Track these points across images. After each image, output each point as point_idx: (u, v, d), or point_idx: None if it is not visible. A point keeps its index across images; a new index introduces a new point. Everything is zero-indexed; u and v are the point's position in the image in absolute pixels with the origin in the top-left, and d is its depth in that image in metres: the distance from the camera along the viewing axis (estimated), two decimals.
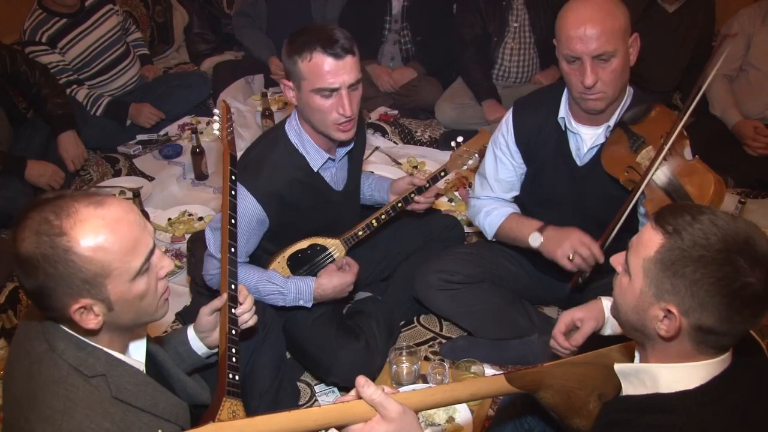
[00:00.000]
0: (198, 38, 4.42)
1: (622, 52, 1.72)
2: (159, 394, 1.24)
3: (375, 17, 3.71)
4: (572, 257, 1.86)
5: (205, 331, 1.53)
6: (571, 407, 1.29)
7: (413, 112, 3.69)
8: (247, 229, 1.87)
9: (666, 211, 1.04)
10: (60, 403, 1.10)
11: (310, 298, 1.97)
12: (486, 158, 2.16)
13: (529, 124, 2.00)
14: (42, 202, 1.09)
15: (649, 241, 1.02)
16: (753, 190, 3.04)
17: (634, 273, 1.05)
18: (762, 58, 3.05)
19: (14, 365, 1.18)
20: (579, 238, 1.86)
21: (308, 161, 1.93)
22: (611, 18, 1.69)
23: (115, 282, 1.11)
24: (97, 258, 1.08)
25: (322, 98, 1.78)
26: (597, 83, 1.73)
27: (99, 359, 1.15)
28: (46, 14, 3.19)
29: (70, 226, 1.06)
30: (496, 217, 2.11)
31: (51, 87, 2.97)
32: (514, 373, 1.23)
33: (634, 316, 1.07)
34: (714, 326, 0.98)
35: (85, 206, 1.09)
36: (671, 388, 1.04)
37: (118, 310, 1.14)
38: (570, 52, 1.73)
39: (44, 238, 1.05)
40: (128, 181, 3.13)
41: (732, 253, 0.95)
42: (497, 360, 2.15)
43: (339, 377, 2.03)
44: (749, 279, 0.94)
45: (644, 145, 1.78)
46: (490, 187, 2.15)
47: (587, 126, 1.91)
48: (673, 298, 0.99)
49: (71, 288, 1.08)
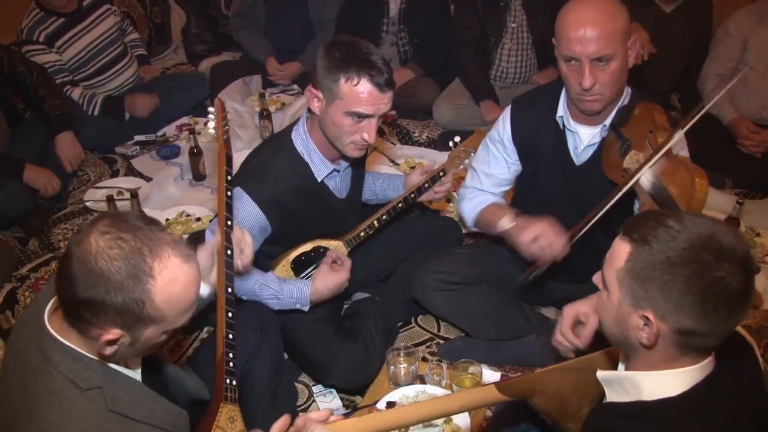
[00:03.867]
0: (196, 39, 4.42)
1: (620, 55, 1.72)
2: (157, 404, 1.24)
3: (372, 19, 3.71)
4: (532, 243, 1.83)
5: (203, 271, 1.52)
6: (565, 412, 1.28)
7: (411, 113, 3.69)
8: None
9: (632, 221, 1.05)
10: (55, 416, 1.09)
11: (306, 302, 1.96)
12: (479, 152, 2.16)
13: (527, 121, 2.00)
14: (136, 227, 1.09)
15: (619, 252, 1.03)
16: (751, 190, 3.04)
17: (611, 286, 1.05)
18: (759, 58, 3.05)
19: (9, 375, 1.18)
20: (549, 224, 1.83)
21: (313, 171, 1.93)
22: (611, 20, 1.69)
23: (155, 329, 1.13)
24: (163, 308, 1.10)
25: (352, 121, 1.80)
26: (595, 85, 1.73)
27: (95, 371, 1.15)
28: (43, 14, 3.19)
29: (158, 270, 1.08)
30: (477, 204, 2.13)
31: (48, 88, 2.96)
32: (505, 381, 1.24)
33: (616, 328, 1.07)
34: (693, 327, 0.98)
35: (175, 255, 1.11)
36: (654, 396, 1.04)
37: (136, 348, 1.16)
38: (568, 53, 1.73)
39: (131, 270, 1.06)
40: (126, 181, 3.12)
41: (697, 250, 0.96)
42: (495, 360, 2.15)
43: (337, 379, 2.03)
44: (718, 273, 0.95)
45: (630, 148, 1.77)
46: (479, 180, 2.16)
47: (585, 125, 1.91)
48: (649, 304, 0.99)
49: (121, 319, 1.09)
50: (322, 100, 1.82)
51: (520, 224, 1.92)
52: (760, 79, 3.06)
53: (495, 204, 2.11)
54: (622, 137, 1.80)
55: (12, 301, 2.36)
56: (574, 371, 1.28)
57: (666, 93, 3.47)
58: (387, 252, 2.34)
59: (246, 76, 3.88)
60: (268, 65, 3.86)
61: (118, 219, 1.11)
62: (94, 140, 3.34)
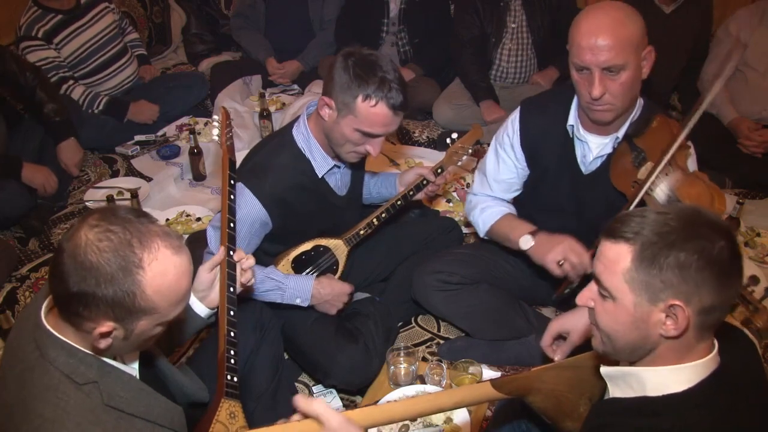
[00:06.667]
0: (196, 39, 4.42)
1: (633, 65, 1.69)
2: (153, 400, 1.24)
3: (372, 20, 3.71)
4: (562, 263, 1.84)
5: (203, 290, 1.53)
6: (562, 411, 1.28)
7: (411, 113, 3.69)
8: (249, 231, 1.88)
9: (614, 225, 1.04)
10: (50, 412, 1.10)
11: (308, 296, 1.97)
12: (488, 157, 2.15)
13: (536, 126, 1.98)
14: (126, 219, 1.10)
15: (618, 256, 1.02)
16: (751, 190, 3.05)
17: (619, 292, 1.03)
18: (759, 58, 3.05)
19: (6, 372, 1.18)
20: (570, 245, 1.85)
21: (314, 167, 1.94)
22: (624, 30, 1.65)
23: (148, 321, 1.14)
24: (154, 299, 1.11)
25: (361, 136, 1.81)
26: (605, 95, 1.71)
27: (91, 366, 1.15)
28: (41, 11, 3.19)
29: (148, 261, 1.08)
30: (491, 215, 2.11)
31: (45, 90, 2.93)
32: (501, 379, 1.23)
33: (634, 334, 1.04)
34: (714, 302, 0.99)
35: (165, 247, 1.11)
36: (658, 392, 1.04)
37: (130, 341, 1.16)
38: (579, 61, 1.70)
39: (121, 262, 1.06)
40: (126, 181, 3.12)
41: (695, 227, 0.98)
42: (495, 360, 2.15)
43: (337, 379, 2.02)
44: (719, 243, 0.97)
45: (645, 159, 1.76)
46: (489, 186, 2.14)
47: (595, 134, 1.89)
48: (670, 292, 0.98)
49: (113, 312, 1.09)
50: (334, 110, 1.81)
51: (541, 245, 1.91)
52: (760, 79, 3.07)
53: (509, 217, 2.09)
54: (637, 148, 1.78)
55: (12, 301, 2.37)
56: (571, 369, 1.27)
57: (666, 93, 3.47)
58: (387, 252, 2.35)
59: (246, 76, 3.88)
60: (268, 65, 3.87)
61: (108, 212, 1.11)
62: (94, 140, 3.34)
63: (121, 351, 1.22)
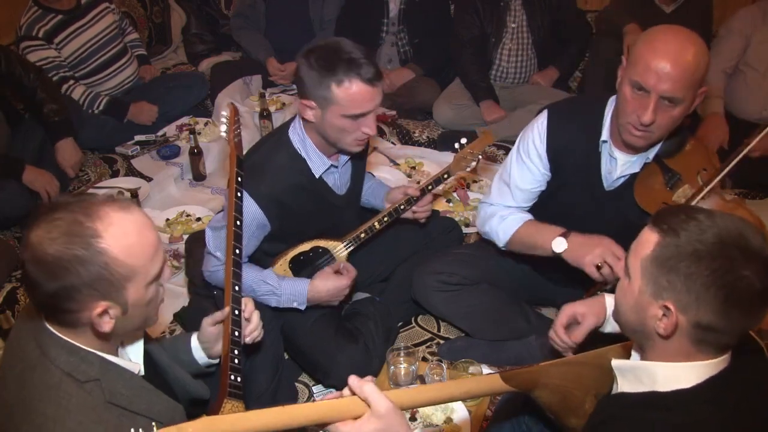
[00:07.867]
0: (196, 39, 4.41)
1: (687, 102, 1.63)
2: (155, 397, 1.24)
3: (372, 19, 3.71)
4: (601, 266, 1.74)
5: (208, 342, 1.53)
6: (567, 407, 1.29)
7: (411, 113, 3.69)
8: (247, 232, 1.87)
9: (663, 212, 1.06)
10: (52, 410, 1.09)
11: (304, 300, 1.96)
12: (510, 165, 2.01)
13: (564, 135, 1.90)
14: (64, 204, 1.09)
15: (646, 242, 1.04)
16: (751, 190, 3.04)
17: (633, 273, 1.06)
18: (759, 58, 3.05)
19: (6, 371, 1.18)
20: (611, 246, 1.74)
21: (310, 167, 1.93)
22: (695, 66, 1.58)
23: (135, 286, 1.13)
24: (128, 261, 1.10)
25: (351, 121, 1.80)
26: (653, 123, 1.64)
27: (92, 364, 1.15)
28: (42, 11, 3.19)
29: (103, 228, 1.08)
30: (513, 222, 1.99)
31: (47, 91, 2.94)
32: (509, 372, 1.24)
33: (633, 316, 1.08)
34: (712, 322, 0.98)
35: (114, 210, 1.10)
36: (668, 386, 1.05)
37: (130, 314, 1.15)
38: (641, 80, 1.61)
39: (77, 239, 1.05)
40: (126, 181, 3.12)
41: (725, 246, 0.97)
42: (495, 361, 2.15)
43: (337, 380, 2.02)
44: (744, 272, 0.95)
45: (681, 182, 1.74)
46: (511, 196, 2.02)
47: (624, 152, 1.82)
48: (670, 294, 1.00)
49: (97, 290, 1.08)
50: (316, 108, 1.81)
51: (576, 247, 1.81)
52: (760, 79, 3.06)
53: (531, 222, 1.98)
54: (670, 170, 1.75)
55: (12, 301, 2.37)
56: (578, 365, 1.28)
57: None
58: (387, 252, 2.34)
59: (246, 76, 3.88)
60: (268, 65, 3.86)
61: (47, 208, 1.10)
62: (94, 140, 3.34)
63: (129, 328, 1.21)
